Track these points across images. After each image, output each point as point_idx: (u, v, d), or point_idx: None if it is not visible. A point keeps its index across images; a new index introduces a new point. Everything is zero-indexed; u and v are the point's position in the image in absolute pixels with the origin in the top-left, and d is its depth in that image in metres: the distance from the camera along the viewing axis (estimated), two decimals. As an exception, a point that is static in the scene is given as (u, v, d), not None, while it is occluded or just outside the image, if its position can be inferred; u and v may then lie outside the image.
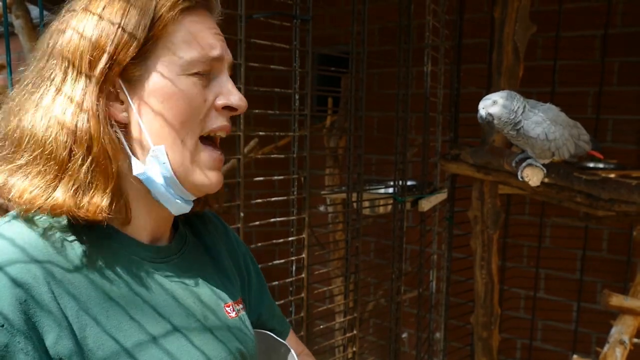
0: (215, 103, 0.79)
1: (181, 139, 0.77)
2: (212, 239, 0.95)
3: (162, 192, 0.77)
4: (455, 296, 2.92)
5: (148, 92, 0.75)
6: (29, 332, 0.65)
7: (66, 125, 0.71)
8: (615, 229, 2.86)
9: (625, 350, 1.87)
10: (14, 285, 0.65)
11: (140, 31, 0.73)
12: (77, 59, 0.73)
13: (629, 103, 2.79)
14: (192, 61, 0.76)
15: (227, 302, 0.88)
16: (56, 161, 0.71)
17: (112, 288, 0.73)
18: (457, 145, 2.60)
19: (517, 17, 2.23)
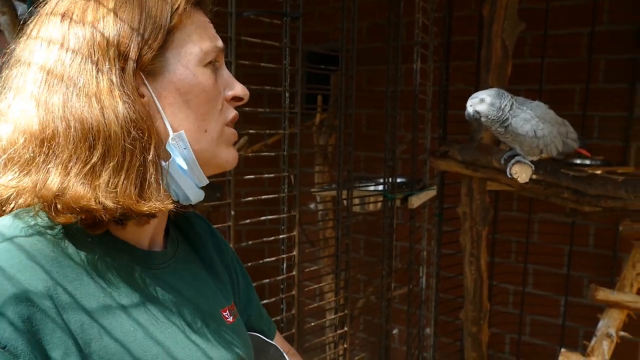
0: (224, 94, 0.81)
1: (205, 129, 0.78)
2: (201, 242, 0.93)
3: (184, 180, 0.77)
4: (444, 292, 2.95)
5: (170, 83, 0.75)
6: (33, 352, 0.61)
7: (124, 117, 0.69)
8: (601, 224, 2.90)
9: (612, 343, 1.89)
10: (17, 302, 0.61)
11: (159, 27, 0.73)
12: (103, 57, 0.70)
13: (615, 100, 2.82)
14: (207, 51, 0.78)
15: (223, 306, 0.87)
16: (127, 154, 0.69)
17: (116, 298, 0.71)
18: (446, 142, 2.61)
19: (506, 14, 2.25)
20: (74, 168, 0.67)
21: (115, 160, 0.68)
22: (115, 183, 0.68)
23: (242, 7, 1.71)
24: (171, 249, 0.84)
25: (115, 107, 0.69)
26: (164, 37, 0.74)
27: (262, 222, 1.89)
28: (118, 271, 0.72)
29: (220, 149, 0.80)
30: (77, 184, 0.66)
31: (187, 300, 0.79)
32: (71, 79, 0.69)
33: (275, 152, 1.94)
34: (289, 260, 1.93)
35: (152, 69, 0.74)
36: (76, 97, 0.69)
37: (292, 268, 1.94)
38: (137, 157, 0.69)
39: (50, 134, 0.68)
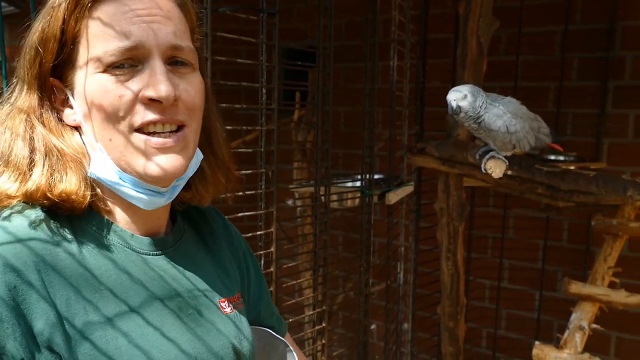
0: (140, 96, 0.73)
1: (109, 137, 0.74)
2: (212, 234, 0.94)
3: (118, 189, 0.77)
4: (422, 287, 2.97)
5: (78, 94, 0.75)
6: (17, 318, 0.66)
7: (21, 136, 0.74)
8: (574, 219, 2.95)
9: (584, 335, 1.93)
10: (4, 272, 0.66)
11: (50, 40, 0.74)
12: (25, 67, 0.76)
13: (588, 97, 2.88)
14: (100, 57, 0.72)
15: (222, 297, 0.87)
16: (20, 165, 0.74)
17: (102, 278, 0.74)
18: (423, 139, 2.64)
19: (481, 12, 2.28)
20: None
21: (12, 171, 0.75)
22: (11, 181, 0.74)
23: (218, 3, 1.71)
24: (172, 238, 0.85)
25: (9, 129, 0.76)
26: (59, 48, 0.74)
27: (240, 219, 1.89)
28: (108, 253, 0.76)
29: (133, 158, 0.75)
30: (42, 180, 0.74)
31: (180, 285, 0.81)
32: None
33: (252, 149, 1.93)
34: (266, 257, 1.93)
35: (69, 81, 0.76)
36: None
37: (270, 264, 1.94)
38: (35, 169, 0.74)
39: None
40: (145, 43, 0.72)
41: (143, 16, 0.73)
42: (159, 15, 0.74)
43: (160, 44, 0.73)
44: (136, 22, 0.72)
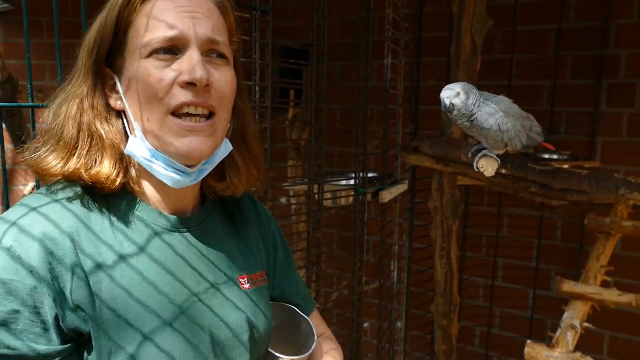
0: (177, 80, 0.82)
1: (147, 117, 0.83)
2: (241, 215, 1.03)
3: (149, 165, 0.85)
4: (415, 286, 2.97)
5: (125, 79, 0.85)
6: (52, 280, 0.76)
7: (72, 117, 0.85)
8: (568, 218, 2.96)
9: (576, 334, 1.93)
10: (42, 239, 0.77)
11: (107, 29, 0.84)
12: (83, 58, 0.86)
13: (582, 96, 2.88)
14: (147, 43, 0.82)
15: (242, 273, 0.95)
16: (66, 143, 0.84)
17: (128, 250, 0.83)
18: (417, 137, 2.64)
19: (475, 11, 2.27)
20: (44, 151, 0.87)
21: (59, 149, 0.85)
22: (58, 160, 0.85)
23: (210, 0, 1.70)
24: (198, 217, 0.94)
25: (65, 111, 0.86)
26: (112, 35, 0.84)
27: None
28: (135, 228, 0.86)
29: (166, 137, 0.83)
30: (43, 159, 0.85)
31: (202, 260, 0.90)
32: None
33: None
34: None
35: (118, 67, 0.86)
36: (58, 100, 0.87)
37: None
38: (79, 148, 0.84)
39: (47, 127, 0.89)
40: (185, 34, 0.82)
41: (186, 12, 0.83)
42: (200, 13, 0.84)
43: (198, 36, 0.83)
44: (180, 16, 0.83)
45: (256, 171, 0.99)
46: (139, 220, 0.87)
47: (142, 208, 0.88)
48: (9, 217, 0.80)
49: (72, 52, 0.92)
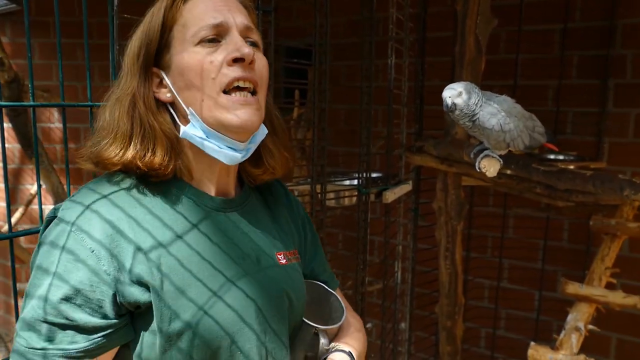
0: (225, 60, 0.92)
1: (201, 98, 0.93)
2: (274, 200, 1.13)
3: (205, 145, 0.95)
4: (420, 286, 2.97)
5: (175, 71, 0.95)
6: (112, 258, 0.85)
7: (125, 113, 0.94)
8: (574, 219, 2.93)
9: (580, 336, 1.92)
10: (103, 221, 0.87)
11: (154, 31, 0.95)
12: (129, 63, 0.97)
13: (588, 96, 2.86)
14: (195, 33, 0.93)
15: (279, 250, 1.05)
16: (122, 136, 0.94)
17: (181, 229, 0.93)
18: (422, 138, 2.63)
19: (479, 10, 2.27)
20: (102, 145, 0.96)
21: (117, 140, 0.94)
22: (116, 151, 0.94)
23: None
24: (240, 199, 1.04)
25: (119, 106, 0.95)
26: (160, 36, 0.95)
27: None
28: (187, 209, 0.95)
29: (221, 113, 0.93)
30: (102, 150, 0.95)
31: (246, 239, 1.00)
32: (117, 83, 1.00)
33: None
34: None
35: (165, 64, 0.96)
36: (112, 97, 0.98)
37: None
38: (134, 138, 0.94)
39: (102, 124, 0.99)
40: (227, 22, 0.94)
41: (224, 6, 0.96)
42: (234, 7, 0.98)
43: (237, 23, 0.95)
44: (219, 10, 0.95)
45: (288, 155, 1.09)
46: (189, 203, 0.96)
47: (192, 192, 0.98)
48: (77, 199, 0.90)
49: (79, 52, 0.96)
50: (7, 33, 3.68)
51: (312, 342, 1.05)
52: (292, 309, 1.02)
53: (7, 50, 3.37)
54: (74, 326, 0.84)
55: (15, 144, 3.93)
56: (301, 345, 1.04)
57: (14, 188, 4.12)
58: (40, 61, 3.84)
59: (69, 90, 3.76)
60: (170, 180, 0.96)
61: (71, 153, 3.40)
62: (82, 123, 1.31)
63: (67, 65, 3.69)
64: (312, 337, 1.05)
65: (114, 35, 1.31)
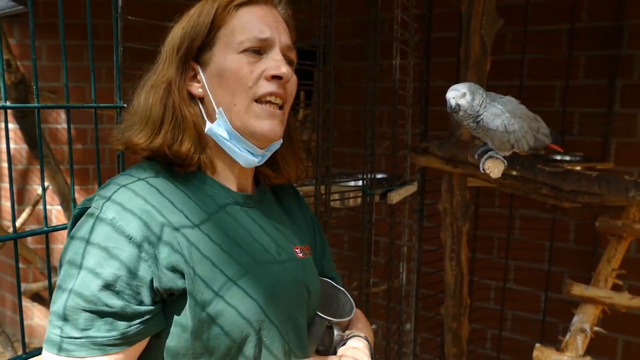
0: (264, 74, 0.98)
1: (234, 103, 0.98)
2: (286, 199, 1.19)
3: (227, 145, 1.00)
4: (425, 287, 2.96)
5: (213, 70, 0.99)
6: (148, 246, 0.89)
7: (159, 100, 0.98)
8: (581, 220, 2.92)
9: (586, 338, 1.91)
10: (137, 213, 0.90)
11: (202, 28, 0.99)
12: (169, 52, 1.00)
13: (595, 96, 2.84)
14: (241, 41, 0.98)
15: (296, 245, 1.10)
16: (154, 122, 0.98)
17: (209, 220, 0.96)
18: (427, 139, 2.62)
19: (484, 11, 2.26)
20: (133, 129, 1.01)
21: (147, 126, 0.99)
22: (146, 137, 0.99)
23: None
24: (258, 196, 1.10)
25: (153, 93, 0.99)
26: (203, 39, 0.99)
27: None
28: (213, 202, 0.99)
29: (250, 120, 0.98)
30: (134, 135, 0.99)
31: (266, 233, 1.04)
32: (153, 70, 1.03)
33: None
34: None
35: (204, 61, 1.00)
36: (148, 83, 1.02)
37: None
38: (164, 126, 0.98)
39: (135, 109, 1.03)
40: (273, 39, 1.00)
41: (272, 22, 1.01)
42: (281, 26, 1.03)
43: (281, 42, 1.01)
44: (268, 24, 1.00)
45: (300, 162, 1.16)
46: (211, 196, 1.01)
47: (214, 185, 1.02)
48: (107, 194, 0.93)
49: (86, 53, 0.97)
50: (15, 35, 3.71)
51: (323, 335, 1.08)
52: (309, 302, 1.06)
53: (15, 52, 3.39)
54: (113, 313, 0.86)
55: (22, 144, 3.96)
56: (313, 338, 1.07)
57: (22, 188, 4.15)
58: (48, 63, 3.87)
59: (76, 91, 3.80)
60: (193, 172, 1.01)
61: (78, 154, 3.49)
62: (88, 124, 1.31)
63: (75, 66, 3.71)
64: (324, 331, 1.08)
65: (118, 37, 1.32)
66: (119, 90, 1.31)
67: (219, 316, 0.91)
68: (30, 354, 1.22)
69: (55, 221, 4.05)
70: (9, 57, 2.65)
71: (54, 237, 4.08)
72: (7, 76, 2.63)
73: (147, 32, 1.10)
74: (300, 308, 1.04)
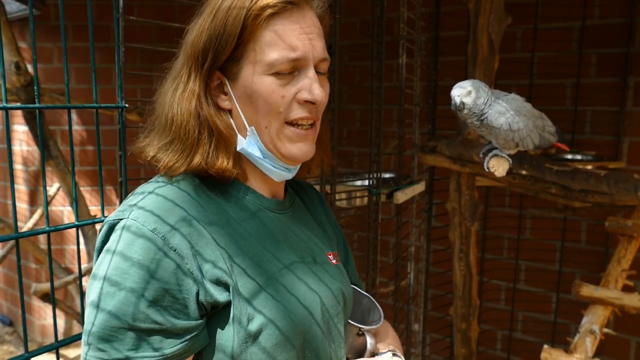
0: (296, 97, 0.92)
1: (265, 125, 0.94)
2: (312, 205, 1.16)
3: (260, 162, 0.98)
4: (435, 288, 2.94)
5: (241, 86, 0.93)
6: (193, 257, 0.86)
7: (192, 114, 0.93)
8: (593, 220, 2.88)
9: (595, 339, 1.87)
10: (179, 224, 0.86)
11: (230, 39, 0.90)
12: (192, 58, 0.93)
13: (607, 94, 2.80)
14: (272, 63, 0.90)
15: (328, 251, 1.08)
16: (191, 140, 0.93)
17: (249, 228, 0.95)
18: (435, 138, 2.60)
19: (492, 8, 2.23)
20: (161, 146, 0.96)
21: (180, 144, 0.94)
22: (181, 159, 0.94)
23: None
24: (289, 202, 1.07)
25: (183, 106, 0.94)
26: (230, 52, 0.91)
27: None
28: (246, 208, 0.97)
29: (282, 143, 0.95)
30: (164, 156, 0.95)
31: (301, 240, 1.02)
32: (174, 78, 0.97)
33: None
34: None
35: (231, 74, 0.94)
36: (169, 93, 0.96)
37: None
38: (201, 142, 0.94)
39: (156, 117, 1.00)
40: (306, 56, 0.92)
41: (306, 33, 0.92)
42: (315, 34, 0.93)
43: (315, 57, 0.93)
44: (301, 38, 0.91)
45: (324, 155, 1.10)
46: (247, 203, 0.98)
47: (249, 193, 0.99)
48: (144, 205, 0.89)
49: (96, 55, 0.94)
50: (26, 37, 3.75)
51: (353, 343, 1.06)
52: (345, 307, 1.05)
53: (27, 54, 3.43)
54: (162, 330, 0.83)
55: (34, 146, 4.00)
56: (345, 347, 1.05)
57: (34, 190, 4.20)
58: (59, 65, 3.90)
59: (85, 92, 3.83)
60: (231, 182, 0.98)
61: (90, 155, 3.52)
62: (100, 125, 1.31)
63: (87, 68, 3.74)
64: (354, 338, 1.06)
65: (120, 38, 1.32)
66: (120, 91, 1.32)
67: (272, 324, 0.88)
68: (32, 353, 1.23)
69: (67, 222, 4.09)
70: (18, 59, 2.67)
71: (65, 237, 4.12)
72: (16, 78, 2.66)
73: (157, 32, 1.09)
74: (339, 314, 1.02)
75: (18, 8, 3.67)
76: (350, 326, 1.06)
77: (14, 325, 4.53)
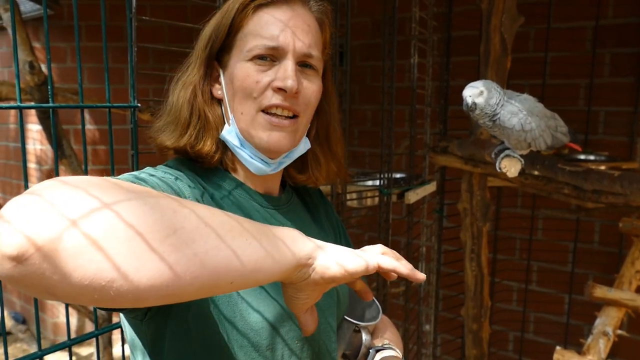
0: (271, 84, 0.94)
1: (241, 111, 0.96)
2: (313, 204, 1.17)
3: (238, 151, 0.99)
4: (446, 288, 2.92)
5: (228, 74, 0.98)
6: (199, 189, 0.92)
7: (188, 101, 0.98)
8: (606, 220, 2.85)
9: (608, 341, 1.86)
10: (194, 183, 0.93)
11: (222, 30, 0.96)
12: (199, 52, 1.00)
13: (621, 94, 2.77)
14: (250, 49, 0.94)
15: None
16: (182, 123, 0.98)
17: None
18: (446, 138, 2.59)
19: (504, 8, 2.22)
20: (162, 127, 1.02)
21: (174, 125, 0.99)
22: (174, 137, 0.99)
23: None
24: (285, 198, 1.07)
25: (182, 94, 0.99)
26: (222, 41, 0.97)
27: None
28: (240, 205, 0.98)
29: (255, 131, 0.96)
30: (162, 135, 1.00)
31: None
32: (184, 69, 1.03)
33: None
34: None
35: (224, 63, 0.99)
36: (179, 82, 1.01)
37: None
38: (191, 126, 0.98)
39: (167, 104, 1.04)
40: (285, 47, 0.94)
41: (290, 26, 0.95)
42: (301, 29, 0.96)
43: (296, 50, 0.94)
44: (283, 29, 0.94)
45: (336, 168, 1.10)
46: (237, 197, 1.00)
47: (240, 187, 1.01)
48: (148, 170, 0.92)
49: (110, 55, 0.96)
50: (40, 37, 3.78)
51: (350, 339, 1.07)
52: (338, 303, 1.05)
53: (41, 54, 3.46)
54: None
55: (48, 145, 4.04)
56: (341, 342, 1.07)
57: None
58: (73, 65, 3.93)
59: (98, 91, 3.85)
60: (217, 170, 1.01)
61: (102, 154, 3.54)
62: (114, 124, 1.32)
63: (98, 68, 3.76)
64: (352, 335, 1.07)
65: (132, 38, 1.33)
66: (133, 90, 1.33)
67: (243, 315, 0.89)
68: (45, 351, 1.24)
69: (80, 220, 4.11)
70: (32, 58, 2.70)
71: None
72: (30, 78, 2.68)
73: (169, 32, 1.10)
74: (332, 311, 1.02)
75: (32, 8, 3.70)
76: (348, 322, 1.06)
77: (27, 323, 4.57)
